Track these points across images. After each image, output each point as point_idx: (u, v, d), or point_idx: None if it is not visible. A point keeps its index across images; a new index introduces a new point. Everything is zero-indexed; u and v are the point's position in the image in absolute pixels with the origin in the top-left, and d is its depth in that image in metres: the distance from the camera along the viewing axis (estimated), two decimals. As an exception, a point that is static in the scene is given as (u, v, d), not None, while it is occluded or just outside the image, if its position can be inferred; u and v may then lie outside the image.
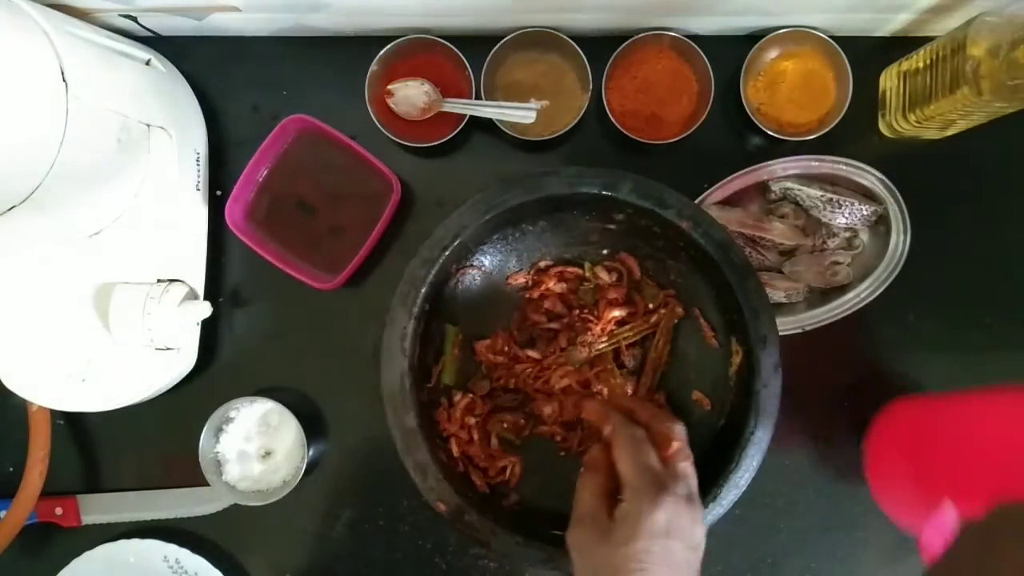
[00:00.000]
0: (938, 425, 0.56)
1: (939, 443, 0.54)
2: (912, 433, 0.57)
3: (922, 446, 0.55)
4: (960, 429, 0.53)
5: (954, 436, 0.53)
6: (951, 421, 0.55)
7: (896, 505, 0.59)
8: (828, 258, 0.65)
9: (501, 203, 0.55)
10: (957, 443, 0.52)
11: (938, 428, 0.56)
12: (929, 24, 0.64)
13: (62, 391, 0.63)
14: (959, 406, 0.55)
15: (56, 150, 0.50)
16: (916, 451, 0.55)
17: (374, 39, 0.66)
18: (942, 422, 0.56)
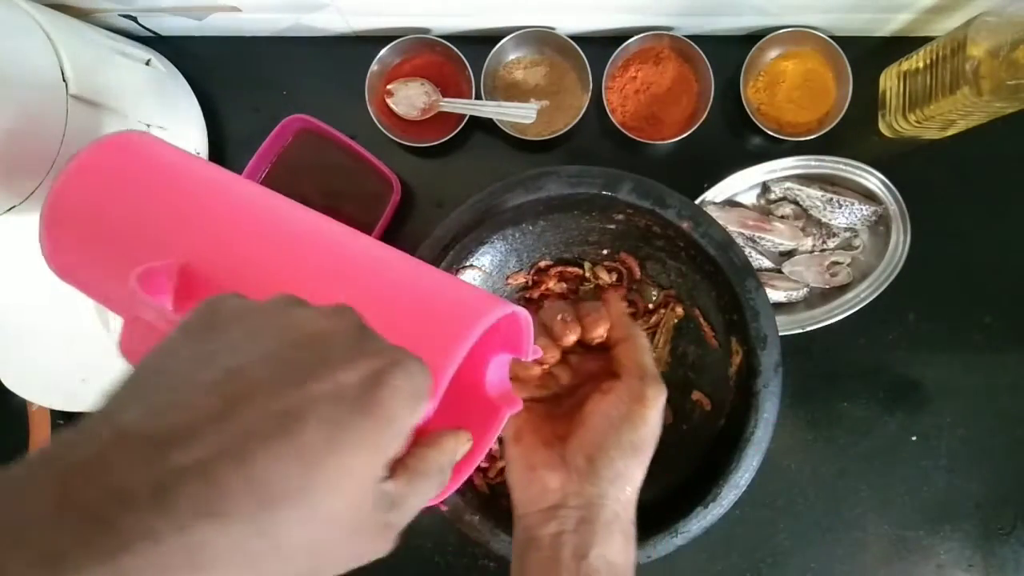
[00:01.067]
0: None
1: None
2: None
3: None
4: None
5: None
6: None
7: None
8: (828, 258, 0.65)
9: (501, 203, 0.55)
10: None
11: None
12: (929, 24, 0.64)
13: (62, 391, 0.63)
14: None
15: (56, 150, 0.50)
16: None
17: (374, 39, 0.66)
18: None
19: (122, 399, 0.21)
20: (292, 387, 0.21)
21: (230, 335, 0.23)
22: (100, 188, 0.40)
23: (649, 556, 0.52)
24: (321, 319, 0.24)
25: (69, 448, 0.20)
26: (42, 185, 0.50)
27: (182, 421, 0.20)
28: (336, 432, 0.21)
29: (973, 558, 0.66)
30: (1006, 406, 0.67)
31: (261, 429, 0.20)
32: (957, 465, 0.67)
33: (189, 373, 0.22)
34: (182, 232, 0.38)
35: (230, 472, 0.19)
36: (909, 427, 0.67)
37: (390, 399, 0.23)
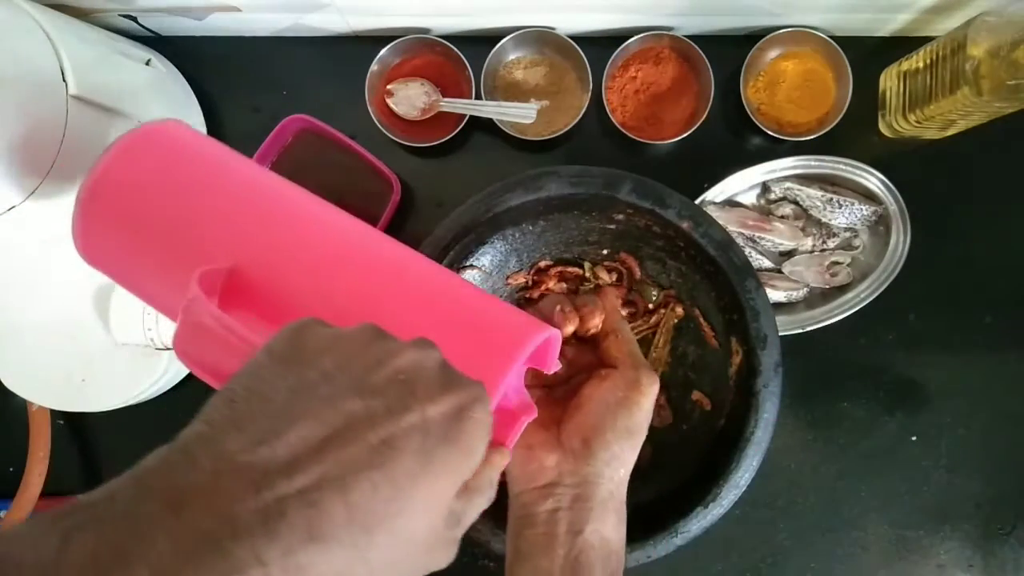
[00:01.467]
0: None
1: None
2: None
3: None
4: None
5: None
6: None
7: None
8: (828, 258, 0.65)
9: (501, 203, 0.55)
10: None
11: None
12: (929, 24, 0.64)
13: (62, 391, 0.63)
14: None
15: (56, 150, 0.50)
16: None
17: (374, 39, 0.66)
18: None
19: (222, 426, 0.22)
20: (386, 419, 0.23)
21: (322, 365, 0.25)
22: (145, 174, 0.39)
23: (649, 556, 0.52)
24: (408, 353, 0.26)
25: (177, 472, 0.21)
26: (42, 185, 0.51)
27: (286, 452, 0.22)
28: (425, 462, 0.23)
29: (973, 558, 0.66)
30: (1006, 406, 0.67)
31: (360, 460, 0.22)
32: (957, 465, 0.67)
33: (287, 403, 0.23)
34: (230, 232, 0.37)
35: (333, 500, 0.21)
36: (909, 427, 0.67)
37: (472, 431, 0.25)
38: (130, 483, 0.21)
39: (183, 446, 0.22)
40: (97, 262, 0.41)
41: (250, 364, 0.25)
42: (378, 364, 0.25)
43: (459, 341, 0.34)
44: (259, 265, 0.36)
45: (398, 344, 0.26)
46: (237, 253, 0.36)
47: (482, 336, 0.36)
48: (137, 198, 0.38)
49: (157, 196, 0.38)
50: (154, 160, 0.39)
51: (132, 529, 0.19)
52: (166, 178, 0.39)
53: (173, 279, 0.37)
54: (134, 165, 0.39)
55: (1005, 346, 0.67)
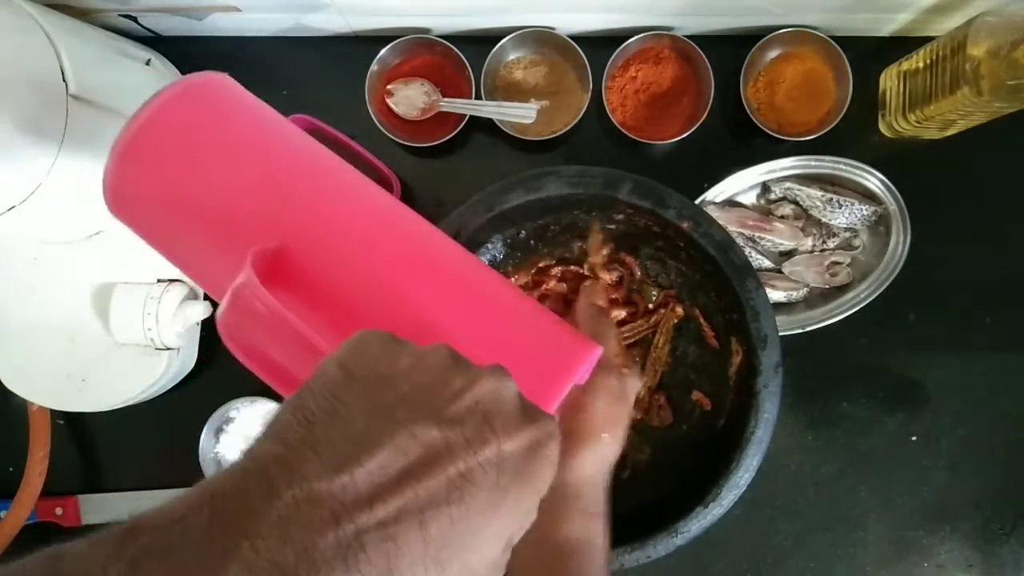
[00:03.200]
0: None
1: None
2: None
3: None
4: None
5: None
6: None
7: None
8: (828, 258, 0.65)
9: (501, 203, 0.55)
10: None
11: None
12: (929, 24, 0.64)
13: (62, 391, 0.63)
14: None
15: (56, 150, 0.50)
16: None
17: (374, 39, 0.66)
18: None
19: (299, 449, 0.22)
20: (465, 453, 0.23)
21: (401, 389, 0.24)
22: (189, 129, 0.36)
23: (649, 556, 0.52)
24: (487, 383, 0.25)
25: (253, 499, 0.20)
26: (42, 185, 0.50)
27: (366, 482, 0.21)
28: (499, 497, 0.23)
29: (973, 558, 0.66)
30: (1006, 406, 0.67)
31: (438, 494, 0.22)
32: (957, 465, 0.67)
33: (365, 427, 0.22)
34: (279, 203, 0.35)
35: (411, 535, 0.21)
36: (909, 427, 0.67)
37: (545, 469, 0.25)
38: (201, 505, 0.20)
39: (259, 470, 0.21)
40: (124, 215, 0.38)
41: (323, 379, 0.24)
42: (458, 393, 0.24)
43: (514, 356, 0.33)
44: (307, 243, 0.34)
45: (476, 372, 0.26)
46: (284, 227, 0.34)
47: (536, 354, 0.35)
48: (179, 154, 0.35)
49: (201, 154, 0.36)
50: (201, 114, 0.36)
51: (205, 560, 0.19)
52: (212, 135, 0.36)
53: (210, 244, 0.35)
54: (179, 117, 0.36)
55: (1005, 346, 0.67)
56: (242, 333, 0.32)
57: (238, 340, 0.32)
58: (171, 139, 0.36)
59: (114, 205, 0.37)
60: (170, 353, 0.63)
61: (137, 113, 0.35)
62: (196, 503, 0.20)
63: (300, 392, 0.24)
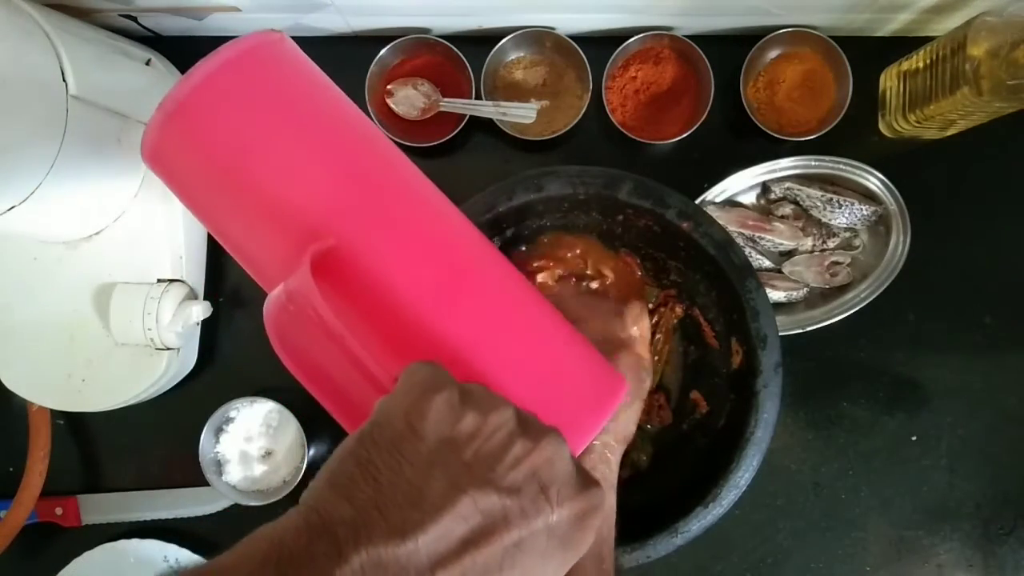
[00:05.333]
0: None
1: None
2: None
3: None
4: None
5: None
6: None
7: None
8: (828, 258, 0.65)
9: (501, 203, 0.55)
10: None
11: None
12: (929, 24, 0.64)
13: (62, 391, 0.63)
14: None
15: (56, 150, 0.50)
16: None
17: (374, 39, 0.66)
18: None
19: (367, 510, 0.22)
20: (521, 522, 0.24)
21: (464, 453, 0.25)
22: (255, 95, 0.33)
23: (649, 556, 0.52)
24: (545, 450, 0.26)
25: (319, 563, 0.21)
26: (42, 185, 0.50)
27: (430, 551, 0.22)
28: (545, 564, 0.24)
29: (973, 558, 0.66)
30: (1006, 406, 0.67)
31: (494, 562, 0.23)
32: (957, 465, 0.67)
33: (432, 493, 0.23)
34: (339, 195, 0.32)
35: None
36: (909, 427, 0.67)
37: (588, 537, 0.26)
38: (266, 563, 0.21)
39: (327, 530, 0.21)
40: (162, 173, 0.35)
41: (389, 432, 0.25)
42: (518, 460, 0.25)
43: (556, 391, 0.33)
44: (366, 244, 0.32)
45: (536, 436, 0.27)
46: (345, 222, 0.32)
47: (575, 390, 0.34)
48: (236, 119, 0.32)
49: (262, 124, 0.32)
50: (266, 79, 0.33)
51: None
52: (277, 104, 0.33)
53: (258, 224, 0.32)
54: (240, 80, 0.32)
55: (1005, 346, 0.67)
56: (291, 338, 0.31)
57: (286, 344, 0.31)
58: (229, 104, 0.32)
59: (152, 162, 0.34)
60: (170, 353, 0.63)
61: (193, 71, 0.32)
62: (261, 561, 0.21)
63: (363, 441, 0.24)
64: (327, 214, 0.32)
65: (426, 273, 0.33)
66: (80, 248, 0.62)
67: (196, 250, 0.65)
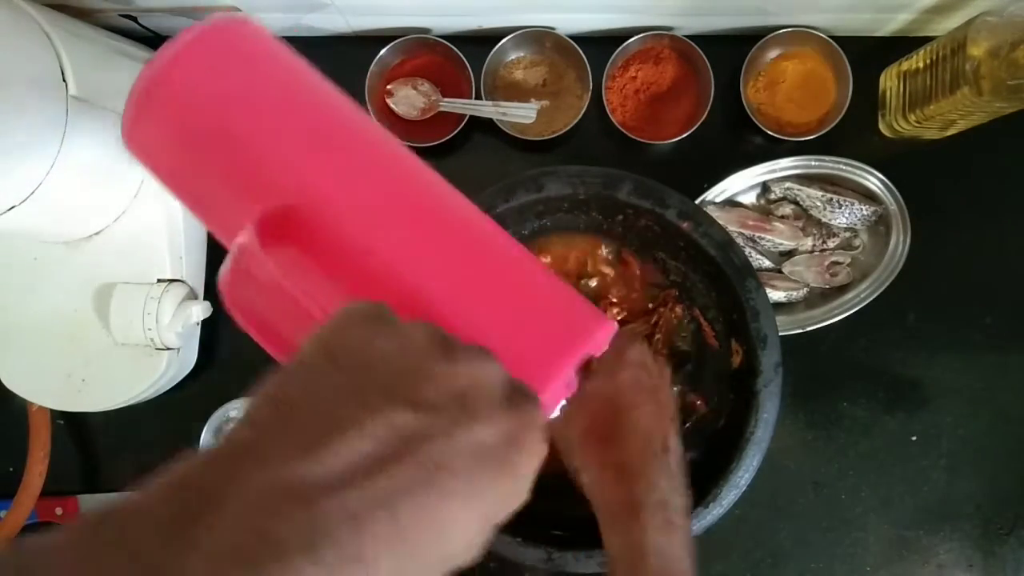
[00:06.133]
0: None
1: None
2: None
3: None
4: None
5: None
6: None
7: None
8: (828, 258, 0.65)
9: (501, 203, 0.55)
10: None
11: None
12: (929, 24, 0.64)
13: (62, 391, 0.63)
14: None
15: (56, 150, 0.50)
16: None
17: (374, 39, 0.66)
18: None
19: (267, 430, 0.21)
20: (441, 440, 0.22)
21: (379, 373, 0.24)
22: (210, 74, 0.35)
23: (649, 556, 0.52)
24: (470, 367, 0.25)
25: (217, 484, 0.20)
26: (42, 185, 0.51)
27: (335, 468, 0.20)
28: (474, 486, 0.22)
29: (973, 558, 0.66)
30: (1006, 406, 0.67)
31: (412, 480, 0.21)
32: (957, 465, 0.67)
33: (337, 409, 0.22)
34: (296, 159, 0.34)
35: (379, 522, 0.20)
36: (909, 427, 0.67)
37: (525, 460, 0.24)
38: (170, 495, 0.20)
39: (227, 453, 0.21)
40: (144, 159, 0.37)
41: (303, 361, 0.24)
42: (438, 377, 0.24)
43: (517, 324, 0.32)
44: (321, 202, 0.33)
45: (460, 355, 0.25)
46: (297, 183, 0.33)
47: (541, 325, 0.33)
48: (198, 100, 0.34)
49: (222, 101, 0.34)
50: (222, 60, 0.35)
51: (165, 548, 0.18)
52: (233, 82, 0.35)
53: (227, 195, 0.34)
54: (199, 62, 0.34)
55: (1005, 346, 0.67)
56: (242, 296, 0.31)
57: (238, 303, 0.31)
58: (189, 84, 0.34)
59: (133, 147, 0.36)
60: (170, 353, 0.63)
61: (155, 58, 0.34)
62: (165, 493, 0.20)
63: (279, 374, 0.23)
64: (288, 175, 0.33)
65: (387, 225, 0.33)
66: (80, 248, 0.62)
67: (196, 250, 0.65)
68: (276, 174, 0.33)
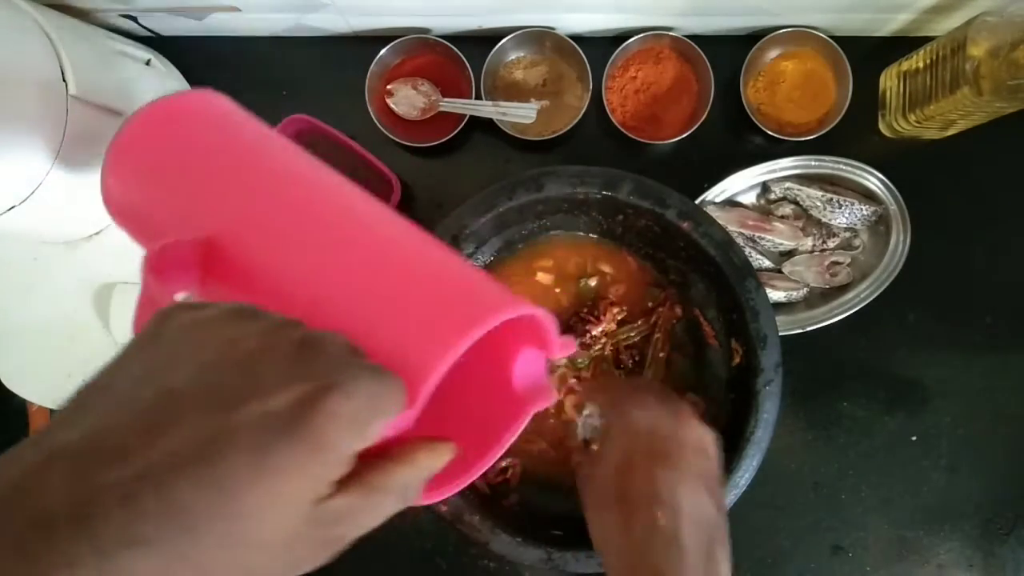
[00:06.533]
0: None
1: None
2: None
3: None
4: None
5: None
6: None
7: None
8: (828, 258, 0.65)
9: (501, 203, 0.55)
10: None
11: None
12: (929, 24, 0.64)
13: (62, 391, 0.63)
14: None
15: (56, 150, 0.50)
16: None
17: (374, 39, 0.66)
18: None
19: (63, 419, 0.21)
20: (219, 411, 0.21)
21: (175, 350, 0.23)
22: (163, 144, 0.40)
23: (649, 556, 0.52)
24: (262, 336, 0.23)
25: (3, 469, 0.19)
26: (42, 185, 0.51)
27: (110, 442, 0.20)
28: (262, 459, 0.20)
29: (973, 558, 0.66)
30: (1006, 406, 0.67)
31: (184, 454, 0.20)
32: (957, 465, 0.67)
33: (129, 392, 0.21)
34: (219, 205, 0.36)
35: (150, 497, 0.19)
36: (909, 427, 0.67)
37: (324, 425, 0.21)
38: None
39: (15, 447, 0.20)
40: (119, 219, 0.41)
41: (116, 355, 0.24)
42: (227, 347, 0.23)
43: (408, 318, 0.31)
44: (240, 237, 0.35)
45: (257, 326, 0.24)
46: (222, 225, 0.35)
47: (435, 310, 0.31)
48: (151, 168, 0.39)
49: (167, 168, 0.39)
50: (174, 129, 0.41)
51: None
52: (177, 150, 0.40)
53: (160, 230, 0.38)
54: (154, 133, 0.40)
55: (1005, 346, 0.67)
56: (142, 316, 0.33)
57: (138, 326, 0.33)
58: (143, 153, 0.40)
59: (112, 211, 0.41)
60: (170, 353, 0.63)
61: (120, 128, 0.41)
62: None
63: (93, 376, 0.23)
64: (214, 217, 0.36)
65: (292, 248, 0.35)
66: (80, 248, 0.62)
67: (196, 250, 0.65)
68: (205, 217, 0.36)
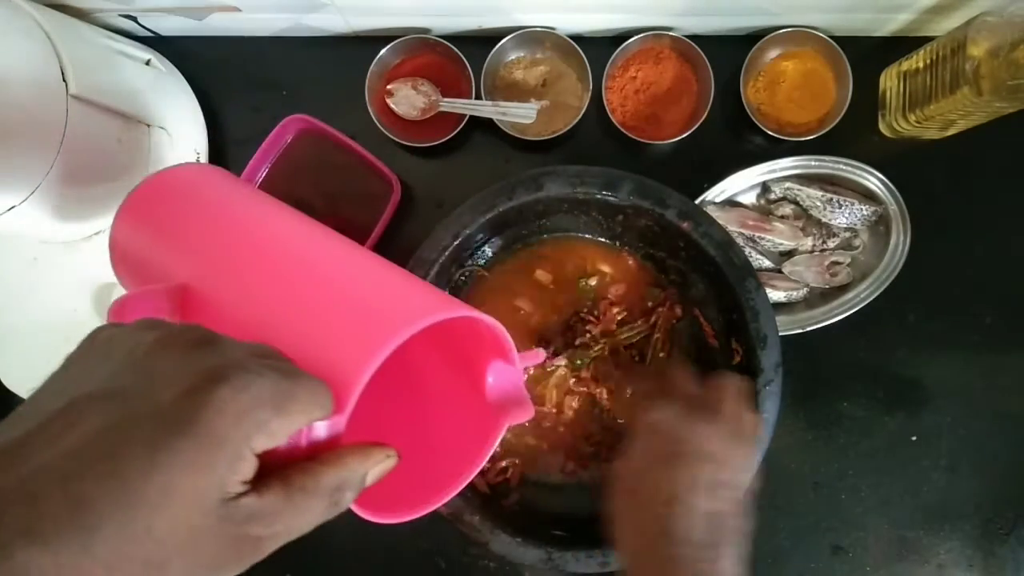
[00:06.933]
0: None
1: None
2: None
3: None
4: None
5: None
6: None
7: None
8: (828, 258, 0.65)
9: (501, 203, 0.55)
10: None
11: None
12: (929, 24, 0.64)
13: (62, 391, 0.63)
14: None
15: (56, 150, 0.50)
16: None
17: (374, 39, 0.66)
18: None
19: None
20: (116, 409, 0.21)
21: (91, 364, 0.24)
22: (152, 214, 0.43)
23: (649, 556, 0.52)
24: (160, 339, 0.24)
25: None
26: (42, 185, 0.51)
27: (13, 447, 0.21)
28: (155, 453, 0.21)
29: (973, 558, 0.66)
30: (1006, 406, 0.67)
31: (85, 450, 0.20)
32: (957, 465, 0.67)
33: (46, 404, 0.22)
34: (194, 258, 0.40)
35: (52, 493, 0.19)
36: (909, 427, 0.67)
37: (212, 418, 0.21)
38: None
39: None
40: (121, 275, 0.45)
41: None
42: (130, 352, 0.24)
43: (336, 329, 0.31)
44: (207, 281, 0.38)
45: (159, 332, 0.25)
46: (195, 275, 0.38)
47: (371, 318, 0.32)
48: (145, 236, 0.43)
49: (154, 229, 0.43)
50: (166, 198, 0.44)
51: None
52: (166, 215, 0.43)
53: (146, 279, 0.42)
54: (145, 206, 0.44)
55: (1005, 346, 0.67)
56: None
57: None
58: (136, 221, 0.43)
59: (113, 258, 0.45)
60: (170, 353, 0.63)
61: (126, 198, 0.44)
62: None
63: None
64: (186, 265, 0.39)
65: (258, 292, 0.37)
66: (80, 248, 0.62)
67: (196, 250, 0.65)
68: (177, 270, 0.39)
